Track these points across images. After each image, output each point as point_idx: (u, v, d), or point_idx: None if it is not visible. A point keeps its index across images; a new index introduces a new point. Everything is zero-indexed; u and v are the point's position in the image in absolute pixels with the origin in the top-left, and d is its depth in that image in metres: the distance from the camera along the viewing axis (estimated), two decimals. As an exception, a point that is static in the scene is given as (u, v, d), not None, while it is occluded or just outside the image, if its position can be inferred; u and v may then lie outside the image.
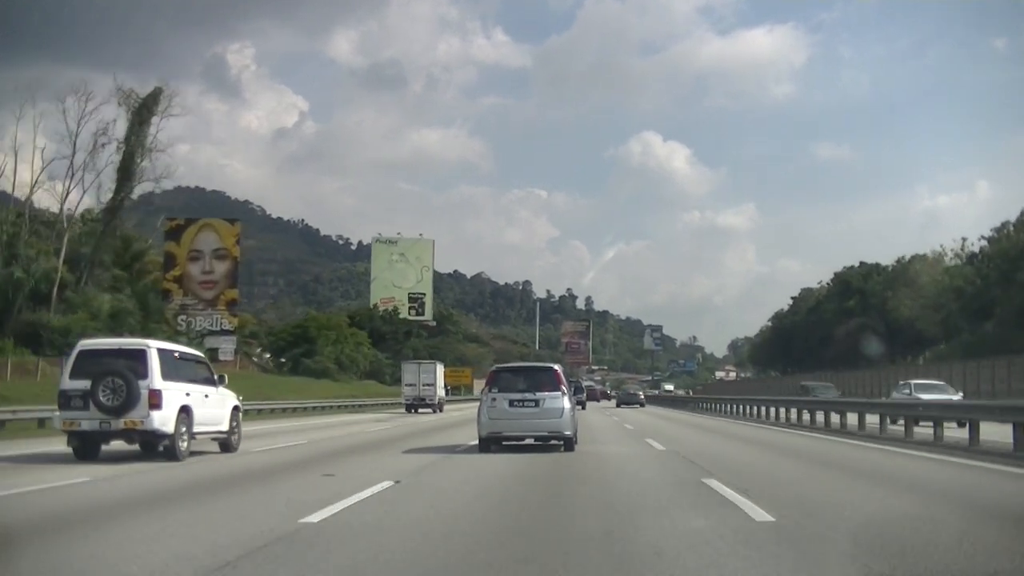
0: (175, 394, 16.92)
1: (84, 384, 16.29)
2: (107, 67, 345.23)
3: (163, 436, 16.64)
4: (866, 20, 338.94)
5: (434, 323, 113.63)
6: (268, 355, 77.17)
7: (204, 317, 65.23)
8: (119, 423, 16.29)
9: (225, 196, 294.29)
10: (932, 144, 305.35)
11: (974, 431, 19.01)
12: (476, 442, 19.52)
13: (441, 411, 54.28)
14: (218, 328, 64.81)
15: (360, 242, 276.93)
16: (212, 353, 64.62)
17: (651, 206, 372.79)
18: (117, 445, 17.46)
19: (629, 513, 10.04)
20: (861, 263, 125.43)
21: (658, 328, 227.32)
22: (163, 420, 16.47)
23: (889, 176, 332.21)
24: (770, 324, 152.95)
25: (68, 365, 17.05)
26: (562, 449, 18.81)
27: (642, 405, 69.67)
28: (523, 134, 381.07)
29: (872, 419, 25.75)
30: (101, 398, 16.17)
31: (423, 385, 55.74)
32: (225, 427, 19.14)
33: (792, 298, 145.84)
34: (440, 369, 59.73)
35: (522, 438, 19.31)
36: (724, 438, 25.87)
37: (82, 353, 17.02)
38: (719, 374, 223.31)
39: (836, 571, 7.12)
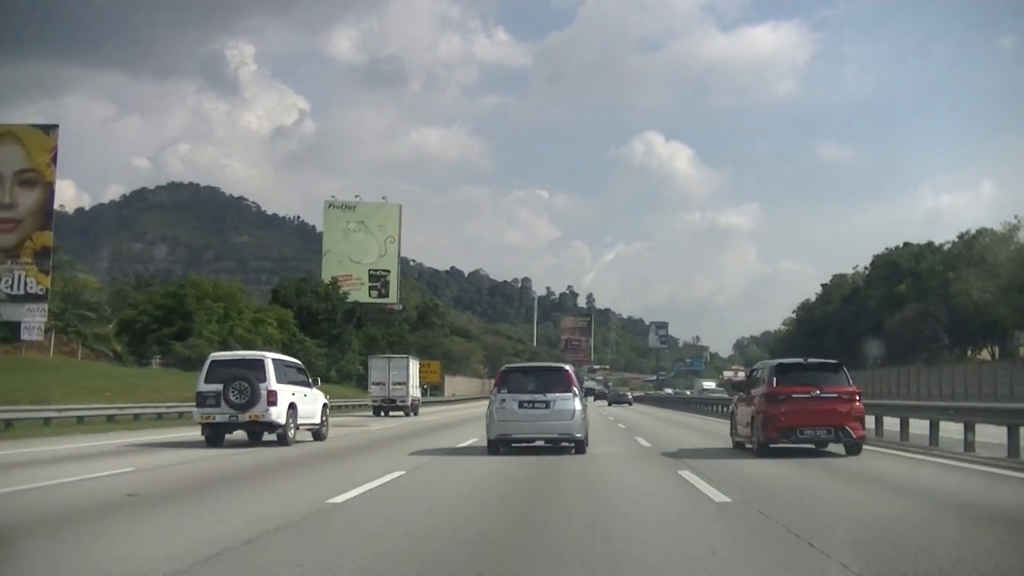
0: (285, 394, 20.43)
1: (216, 387, 19.92)
2: (106, 64, 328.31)
3: (278, 426, 20.18)
4: (871, 17, 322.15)
5: (400, 306, 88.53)
6: (121, 336, 50.84)
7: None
8: (245, 416, 19.92)
9: (220, 192, 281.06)
10: (936, 143, 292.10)
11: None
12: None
13: (415, 414, 45.14)
14: (21, 291, 40.23)
15: None
16: (8, 329, 40.16)
17: (653, 207, 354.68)
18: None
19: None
20: (906, 243, 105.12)
21: (663, 325, 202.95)
22: (278, 414, 20.03)
23: (893, 175, 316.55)
24: (795, 316, 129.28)
25: (203, 373, 20.61)
26: (572, 451, 17.63)
27: (630, 404, 74.91)
28: (524, 133, 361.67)
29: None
30: (231, 397, 19.81)
31: (393, 384, 46.01)
32: (317, 420, 22.38)
33: (823, 285, 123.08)
34: (414, 365, 49.15)
35: (532, 440, 18.10)
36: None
37: (213, 363, 20.95)
38: (727, 373, 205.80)
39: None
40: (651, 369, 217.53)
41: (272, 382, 20.06)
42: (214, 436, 20.21)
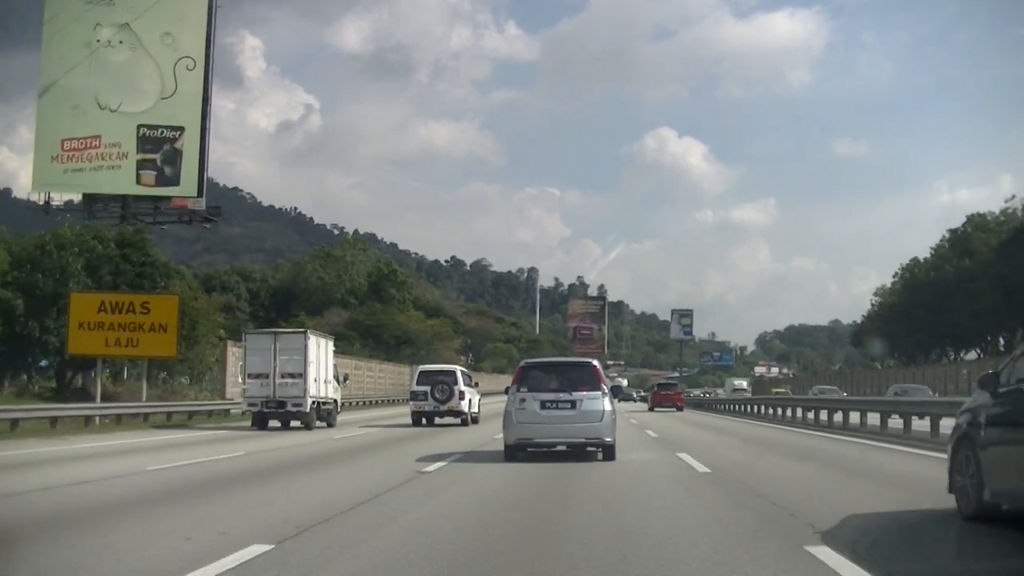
0: (466, 393, 27.61)
1: (425, 388, 27.25)
2: None
3: (464, 414, 27.24)
4: (889, 5, 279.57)
5: (202, 203, 38.86)
6: None
7: None
8: (444, 408, 27.01)
9: (213, 183, 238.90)
10: (954, 137, 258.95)
11: None
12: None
13: (330, 424, 27.87)
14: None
15: (356, 231, 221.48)
16: None
17: (665, 204, 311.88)
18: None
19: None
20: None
21: (687, 313, 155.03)
22: (465, 406, 27.28)
23: (909, 171, 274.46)
24: (898, 283, 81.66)
25: (415, 378, 28.94)
26: (600, 457, 14.31)
27: (635, 401, 74.77)
28: (536, 129, 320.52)
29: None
30: (436, 394, 26.97)
31: (282, 377, 26.04)
32: (476, 410, 28.92)
33: (950, 231, 75.90)
34: (320, 346, 27.85)
35: (554, 445, 14.64)
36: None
37: (422, 372, 28.95)
38: (759, 370, 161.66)
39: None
40: (671, 365, 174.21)
41: (461, 384, 27.44)
42: (418, 420, 27.44)
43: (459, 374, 28.00)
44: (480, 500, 9.80)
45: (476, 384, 30.17)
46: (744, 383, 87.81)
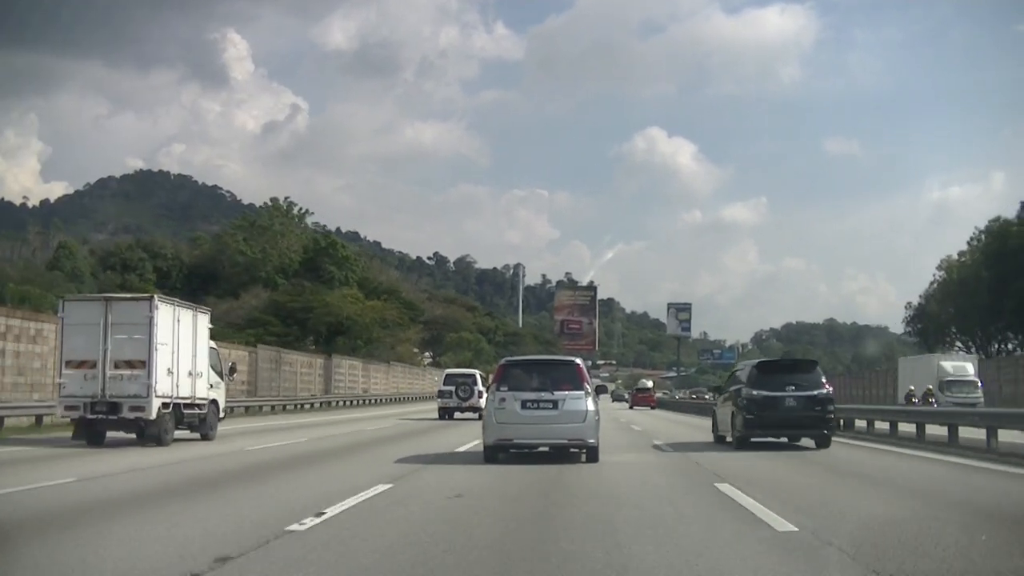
0: (484, 393, 29.36)
1: (451, 387, 32.29)
2: (87, 54, 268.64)
3: (482, 410, 26.15)
4: (882, 1, 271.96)
5: None
6: None
7: None
8: (465, 404, 31.75)
9: (192, 180, 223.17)
10: (946, 134, 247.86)
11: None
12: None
13: (207, 436, 19.08)
14: None
15: (339, 228, 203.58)
16: None
17: (655, 204, 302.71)
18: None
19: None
20: None
21: (685, 307, 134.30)
22: (481, 404, 28.42)
23: (901, 169, 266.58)
24: (967, 257, 61.28)
25: (442, 379, 34.73)
26: (583, 460, 13.42)
27: (625, 400, 76.17)
28: (524, 129, 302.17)
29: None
30: (459, 393, 31.89)
31: (115, 366, 16.76)
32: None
33: None
34: (184, 321, 18.01)
35: (535, 446, 13.74)
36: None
37: (448, 375, 35.43)
38: None
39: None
40: (667, 364, 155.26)
41: (479, 386, 31.67)
42: (443, 414, 32.04)
43: (478, 377, 33.61)
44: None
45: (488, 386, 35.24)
46: (969, 368, 38.54)
